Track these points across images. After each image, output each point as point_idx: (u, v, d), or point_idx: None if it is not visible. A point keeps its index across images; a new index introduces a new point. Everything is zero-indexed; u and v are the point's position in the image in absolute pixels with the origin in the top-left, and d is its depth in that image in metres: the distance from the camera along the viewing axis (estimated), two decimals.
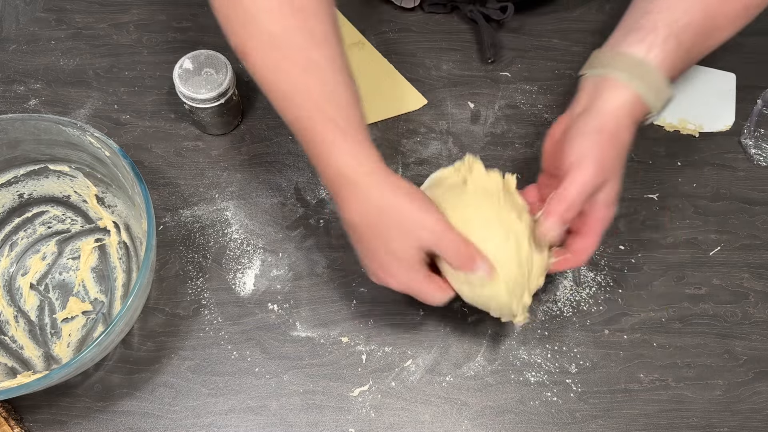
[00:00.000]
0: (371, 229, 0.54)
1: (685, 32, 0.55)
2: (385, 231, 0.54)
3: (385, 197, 0.53)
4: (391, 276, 0.55)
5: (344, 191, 0.54)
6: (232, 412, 0.64)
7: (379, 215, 0.54)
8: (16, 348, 0.66)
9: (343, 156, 0.53)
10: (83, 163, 0.66)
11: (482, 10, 0.80)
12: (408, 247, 0.54)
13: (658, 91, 0.55)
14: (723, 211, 0.74)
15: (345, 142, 0.53)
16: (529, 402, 0.65)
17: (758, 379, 0.67)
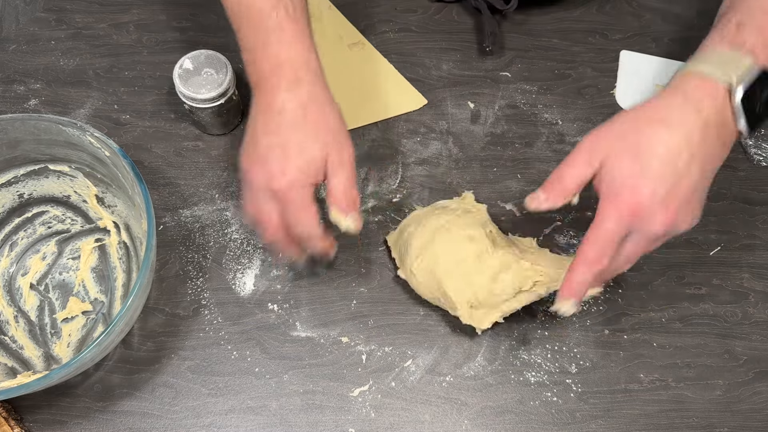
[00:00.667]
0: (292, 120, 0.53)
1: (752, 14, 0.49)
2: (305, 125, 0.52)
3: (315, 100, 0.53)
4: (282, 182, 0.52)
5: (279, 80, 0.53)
6: (232, 412, 0.64)
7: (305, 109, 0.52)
8: (16, 348, 0.66)
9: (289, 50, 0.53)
10: (83, 163, 0.66)
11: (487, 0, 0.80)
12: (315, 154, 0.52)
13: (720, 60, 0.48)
14: (723, 211, 0.74)
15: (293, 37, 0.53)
16: (529, 402, 0.65)
17: (758, 379, 0.67)
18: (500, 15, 0.81)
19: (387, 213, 0.73)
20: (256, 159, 0.55)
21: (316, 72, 0.54)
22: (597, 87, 0.80)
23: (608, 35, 0.83)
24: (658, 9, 0.84)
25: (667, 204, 0.46)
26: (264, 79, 0.54)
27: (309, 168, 0.53)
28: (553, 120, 0.78)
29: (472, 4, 0.82)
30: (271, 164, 0.53)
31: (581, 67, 0.81)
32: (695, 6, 0.84)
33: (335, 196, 0.54)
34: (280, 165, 0.53)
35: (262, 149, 0.54)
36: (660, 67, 0.80)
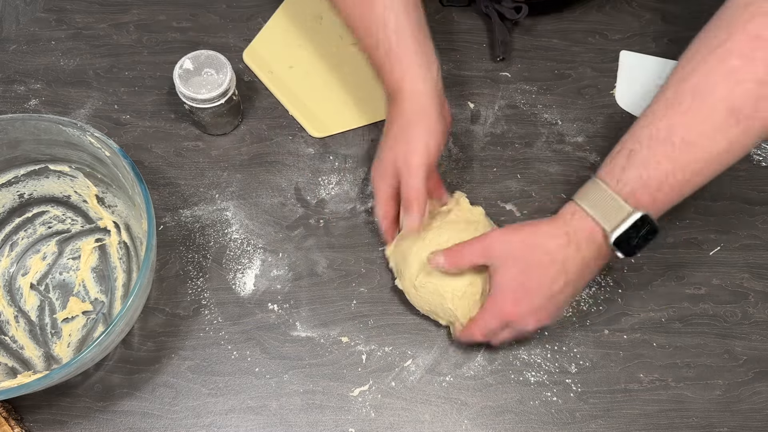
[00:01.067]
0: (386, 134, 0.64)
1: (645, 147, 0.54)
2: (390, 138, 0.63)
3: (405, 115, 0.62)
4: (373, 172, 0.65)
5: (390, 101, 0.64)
6: (232, 412, 0.64)
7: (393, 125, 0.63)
8: (17, 348, 0.66)
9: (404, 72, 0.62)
10: (83, 163, 0.66)
11: (497, 8, 0.80)
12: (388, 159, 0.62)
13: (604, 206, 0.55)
14: (723, 211, 0.74)
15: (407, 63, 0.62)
16: (529, 402, 0.65)
17: (758, 379, 0.67)
18: (511, 23, 0.81)
19: None
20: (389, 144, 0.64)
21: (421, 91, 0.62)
22: (597, 87, 0.80)
23: (608, 35, 0.83)
24: (658, 9, 0.84)
25: (537, 314, 0.59)
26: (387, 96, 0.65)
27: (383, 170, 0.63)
28: (553, 120, 0.78)
29: (482, 11, 0.82)
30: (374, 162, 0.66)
31: (581, 67, 0.81)
32: (695, 6, 0.84)
33: (402, 196, 0.63)
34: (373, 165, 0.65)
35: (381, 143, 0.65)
36: (660, 67, 0.80)
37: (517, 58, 0.81)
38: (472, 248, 0.60)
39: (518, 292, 0.58)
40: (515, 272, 0.58)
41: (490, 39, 0.81)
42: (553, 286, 0.57)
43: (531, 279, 0.57)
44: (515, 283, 0.58)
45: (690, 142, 0.53)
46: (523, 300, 0.58)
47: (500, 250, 0.58)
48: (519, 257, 0.57)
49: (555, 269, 0.57)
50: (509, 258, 0.58)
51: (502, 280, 0.58)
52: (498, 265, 0.58)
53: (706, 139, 0.53)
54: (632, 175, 0.54)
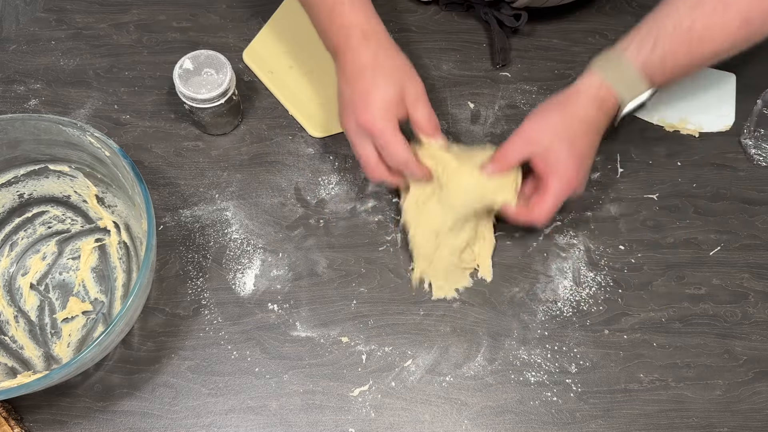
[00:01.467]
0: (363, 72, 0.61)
1: (668, 36, 0.61)
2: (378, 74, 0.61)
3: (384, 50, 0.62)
4: (367, 116, 0.61)
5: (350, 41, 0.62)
6: (232, 412, 0.64)
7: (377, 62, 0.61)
8: (16, 348, 0.66)
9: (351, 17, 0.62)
10: (83, 163, 0.66)
11: (497, 15, 0.80)
12: (393, 91, 0.61)
13: (627, 81, 0.63)
14: (723, 211, 0.74)
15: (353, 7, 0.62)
16: (529, 402, 0.65)
17: (758, 379, 0.67)
18: (510, 30, 0.81)
19: (387, 213, 0.73)
20: (345, 107, 0.63)
21: (379, 29, 0.63)
22: None
23: (608, 35, 0.83)
24: None
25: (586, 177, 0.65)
26: (337, 45, 0.63)
27: (388, 104, 0.61)
28: None
29: (481, 17, 0.82)
30: (356, 106, 0.61)
31: (581, 67, 0.80)
32: None
33: (420, 125, 0.63)
34: (364, 104, 0.61)
35: (348, 98, 0.62)
36: None
37: (517, 58, 0.81)
38: (516, 145, 0.63)
39: (575, 161, 0.63)
40: (567, 147, 0.62)
41: (490, 44, 0.81)
42: (593, 148, 0.65)
43: (580, 148, 0.63)
44: (570, 155, 0.62)
45: (705, 40, 0.61)
46: (580, 168, 0.63)
47: (544, 135, 0.62)
48: (565, 133, 0.62)
49: (593, 134, 0.64)
50: (555, 137, 0.62)
51: (557, 159, 0.62)
52: (547, 147, 0.62)
53: (717, 41, 0.61)
54: (656, 61, 0.62)
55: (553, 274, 0.70)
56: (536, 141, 0.63)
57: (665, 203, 0.74)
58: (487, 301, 0.69)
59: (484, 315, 0.68)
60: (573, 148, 0.62)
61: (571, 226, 0.72)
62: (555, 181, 0.63)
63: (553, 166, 0.62)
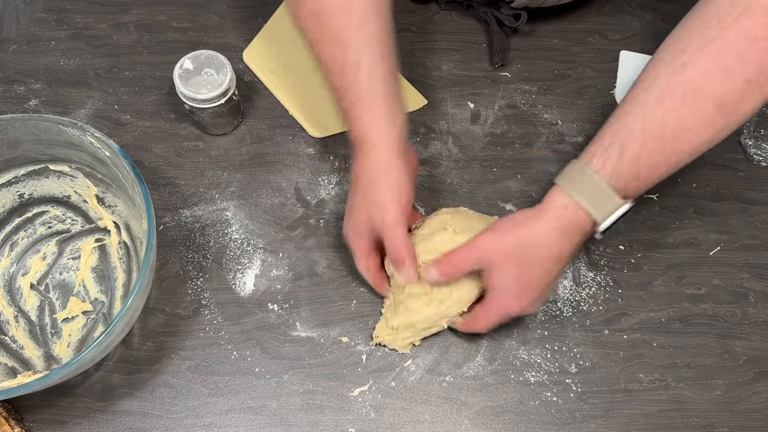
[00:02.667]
0: (355, 189, 0.62)
1: (636, 137, 0.54)
2: (358, 194, 0.62)
3: (371, 170, 0.60)
4: (346, 227, 0.64)
5: (356, 150, 0.62)
6: (232, 412, 0.64)
7: (359, 181, 0.61)
8: (17, 348, 0.66)
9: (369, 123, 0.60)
10: (83, 163, 0.66)
11: (496, 14, 0.80)
12: (361, 218, 0.61)
13: (596, 197, 0.56)
14: (723, 211, 0.74)
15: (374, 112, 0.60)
16: (529, 402, 0.65)
17: (758, 379, 0.67)
18: (510, 29, 0.81)
19: None
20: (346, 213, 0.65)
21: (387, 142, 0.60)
22: (597, 87, 0.80)
23: (608, 35, 0.83)
24: (658, 9, 0.84)
25: (537, 302, 0.61)
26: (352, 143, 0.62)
27: (357, 227, 0.62)
28: (553, 120, 0.78)
29: (481, 17, 0.82)
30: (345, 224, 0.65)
31: (581, 67, 0.81)
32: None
33: (387, 253, 0.62)
34: (345, 220, 0.64)
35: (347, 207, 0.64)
36: None
37: (517, 58, 0.81)
38: (464, 256, 0.59)
39: (519, 289, 0.59)
40: (514, 273, 0.58)
41: (489, 44, 0.81)
42: (549, 276, 0.59)
43: (529, 276, 0.58)
44: (515, 283, 0.58)
45: (679, 137, 0.54)
46: (523, 296, 0.59)
47: (494, 253, 0.58)
48: (514, 258, 0.58)
49: (551, 262, 0.58)
50: (504, 260, 0.58)
51: (500, 282, 0.59)
52: (493, 267, 0.59)
53: (694, 134, 0.55)
54: (625, 168, 0.55)
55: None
56: (485, 258, 0.58)
57: (665, 203, 0.74)
58: None
59: None
60: (520, 276, 0.58)
61: None
62: (493, 302, 0.60)
63: (495, 288, 0.59)
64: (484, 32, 0.82)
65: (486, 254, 0.58)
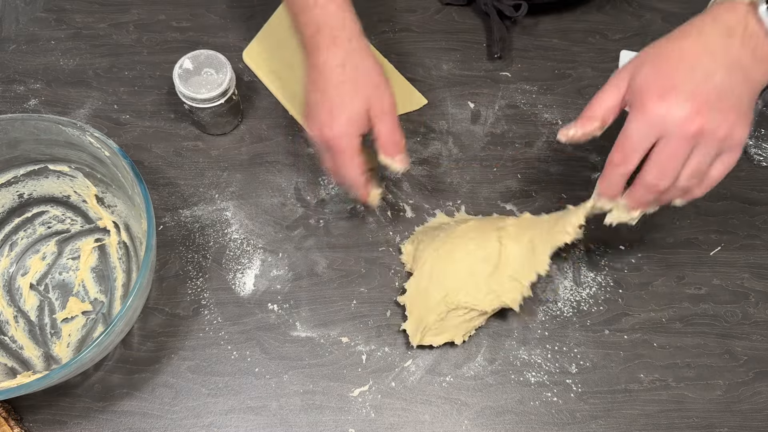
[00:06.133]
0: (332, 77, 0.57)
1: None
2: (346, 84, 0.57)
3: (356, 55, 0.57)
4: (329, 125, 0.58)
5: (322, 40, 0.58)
6: (232, 412, 0.64)
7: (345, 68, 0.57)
8: (16, 348, 0.66)
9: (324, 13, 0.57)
10: (83, 163, 0.66)
11: (497, 5, 0.80)
12: (358, 106, 0.57)
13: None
14: (723, 211, 0.74)
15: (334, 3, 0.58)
16: (529, 402, 0.65)
17: (758, 379, 0.66)
18: (510, 21, 0.81)
19: (387, 213, 0.73)
20: (308, 115, 0.60)
21: (352, 31, 0.58)
22: (597, 87, 0.78)
23: (608, 35, 0.83)
24: (658, 9, 0.84)
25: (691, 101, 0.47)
26: (307, 40, 0.59)
27: (352, 121, 0.57)
28: (553, 120, 0.78)
29: (481, 9, 0.82)
30: (320, 119, 0.58)
31: (581, 67, 0.81)
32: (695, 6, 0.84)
33: (381, 141, 0.59)
34: (328, 119, 0.58)
35: (312, 106, 0.59)
36: None
37: (517, 58, 0.81)
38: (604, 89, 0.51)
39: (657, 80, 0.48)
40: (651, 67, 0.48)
41: (488, 35, 0.81)
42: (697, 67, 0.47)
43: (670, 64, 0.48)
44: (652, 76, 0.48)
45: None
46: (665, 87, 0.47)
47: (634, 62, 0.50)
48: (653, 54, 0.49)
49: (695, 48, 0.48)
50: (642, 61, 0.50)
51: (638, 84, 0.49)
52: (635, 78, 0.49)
53: None
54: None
55: (553, 274, 0.70)
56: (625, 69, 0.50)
57: None
58: None
59: None
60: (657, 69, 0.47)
61: None
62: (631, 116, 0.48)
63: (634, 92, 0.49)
64: (484, 30, 0.82)
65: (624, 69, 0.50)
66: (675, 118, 0.47)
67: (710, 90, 0.47)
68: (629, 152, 0.50)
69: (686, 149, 0.49)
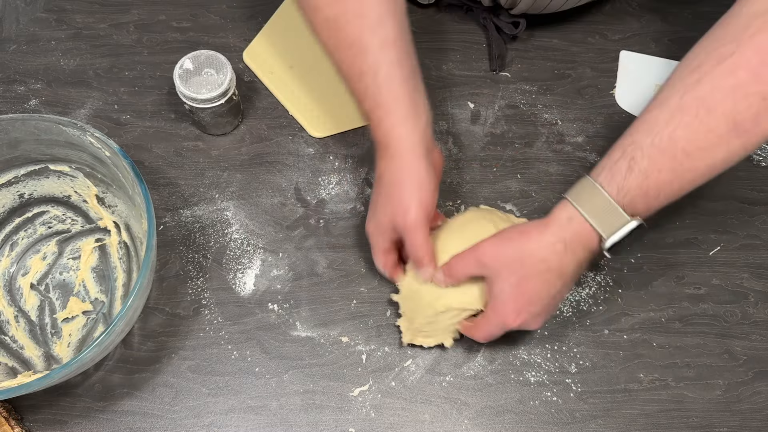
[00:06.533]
0: (378, 189, 0.62)
1: (645, 154, 0.53)
2: (381, 195, 0.62)
3: (395, 172, 0.60)
4: (369, 224, 0.64)
5: (380, 152, 0.61)
6: (232, 412, 0.64)
7: (383, 181, 0.61)
8: (17, 348, 0.66)
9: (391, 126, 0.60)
10: (83, 163, 0.66)
11: (495, 21, 0.80)
12: (384, 217, 0.61)
13: (602, 213, 0.55)
14: (723, 211, 0.74)
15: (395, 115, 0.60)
16: (529, 402, 0.65)
17: (758, 379, 0.67)
18: (509, 37, 0.81)
19: None
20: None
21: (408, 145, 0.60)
22: (597, 87, 0.80)
23: (608, 35, 0.83)
24: (658, 9, 0.84)
25: (538, 318, 0.59)
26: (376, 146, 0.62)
27: (379, 227, 0.63)
28: (553, 120, 0.78)
29: (480, 22, 0.82)
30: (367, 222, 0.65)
31: (581, 67, 0.81)
32: (695, 6, 0.84)
33: (407, 252, 0.62)
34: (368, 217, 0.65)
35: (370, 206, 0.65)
36: (660, 68, 0.80)
37: (518, 58, 0.81)
38: (465, 261, 0.59)
39: (518, 302, 0.58)
40: (512, 282, 0.57)
41: (488, 50, 0.81)
42: (551, 291, 0.58)
43: (529, 288, 0.57)
44: (513, 292, 0.57)
45: (691, 154, 0.53)
46: (523, 309, 0.58)
47: (494, 260, 0.58)
48: (514, 268, 0.57)
49: (552, 276, 0.57)
50: (504, 269, 0.57)
51: (500, 291, 0.58)
52: (494, 275, 0.58)
53: (707, 151, 0.53)
54: (633, 184, 0.54)
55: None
56: (486, 265, 0.58)
57: None
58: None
59: None
60: (518, 286, 0.57)
61: None
62: (492, 311, 0.59)
63: (495, 296, 0.58)
64: (484, 33, 0.82)
65: (487, 259, 0.58)
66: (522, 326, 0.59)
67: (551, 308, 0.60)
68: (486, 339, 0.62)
69: None
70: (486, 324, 0.60)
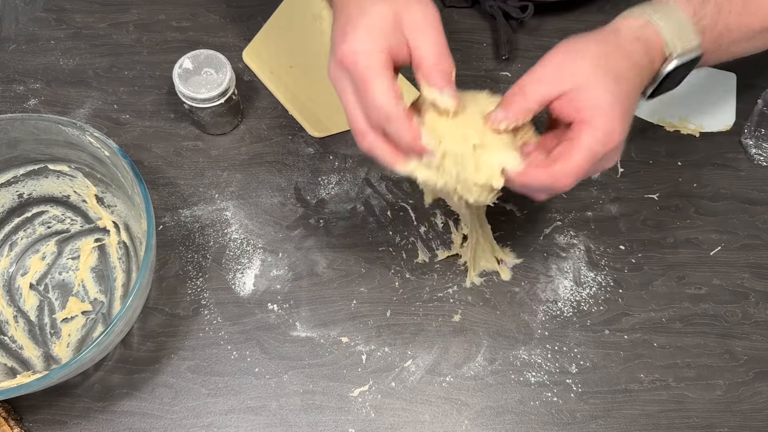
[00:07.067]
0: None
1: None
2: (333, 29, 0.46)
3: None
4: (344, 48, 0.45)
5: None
6: (232, 412, 0.64)
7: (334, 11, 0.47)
8: (16, 348, 0.66)
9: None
10: (83, 163, 0.66)
11: (502, 6, 0.80)
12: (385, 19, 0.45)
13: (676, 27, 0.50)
14: (723, 211, 0.74)
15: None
16: (529, 402, 0.65)
17: (759, 379, 0.66)
18: (516, 22, 0.81)
19: (387, 213, 0.73)
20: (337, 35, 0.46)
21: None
22: None
23: None
24: None
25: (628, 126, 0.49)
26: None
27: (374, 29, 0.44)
28: None
29: (485, 11, 0.82)
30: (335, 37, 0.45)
31: None
32: None
33: (423, 67, 0.46)
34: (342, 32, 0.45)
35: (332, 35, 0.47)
36: None
37: (518, 57, 0.81)
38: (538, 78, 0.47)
39: (622, 103, 0.47)
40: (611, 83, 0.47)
41: (494, 38, 0.81)
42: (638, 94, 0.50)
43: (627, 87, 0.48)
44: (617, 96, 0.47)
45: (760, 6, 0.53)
46: (627, 112, 0.48)
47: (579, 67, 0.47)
48: (607, 67, 0.47)
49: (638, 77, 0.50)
50: (595, 71, 0.47)
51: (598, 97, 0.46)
52: (581, 83, 0.47)
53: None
54: (708, 12, 0.51)
55: (553, 274, 0.70)
56: (567, 74, 0.46)
57: (666, 203, 0.74)
58: (487, 301, 0.69)
59: (484, 315, 0.68)
60: (618, 86, 0.47)
61: (571, 225, 0.72)
62: (589, 131, 0.46)
63: (590, 110, 0.46)
64: (486, 30, 0.82)
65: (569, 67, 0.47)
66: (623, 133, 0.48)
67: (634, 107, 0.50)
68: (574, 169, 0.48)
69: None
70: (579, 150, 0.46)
